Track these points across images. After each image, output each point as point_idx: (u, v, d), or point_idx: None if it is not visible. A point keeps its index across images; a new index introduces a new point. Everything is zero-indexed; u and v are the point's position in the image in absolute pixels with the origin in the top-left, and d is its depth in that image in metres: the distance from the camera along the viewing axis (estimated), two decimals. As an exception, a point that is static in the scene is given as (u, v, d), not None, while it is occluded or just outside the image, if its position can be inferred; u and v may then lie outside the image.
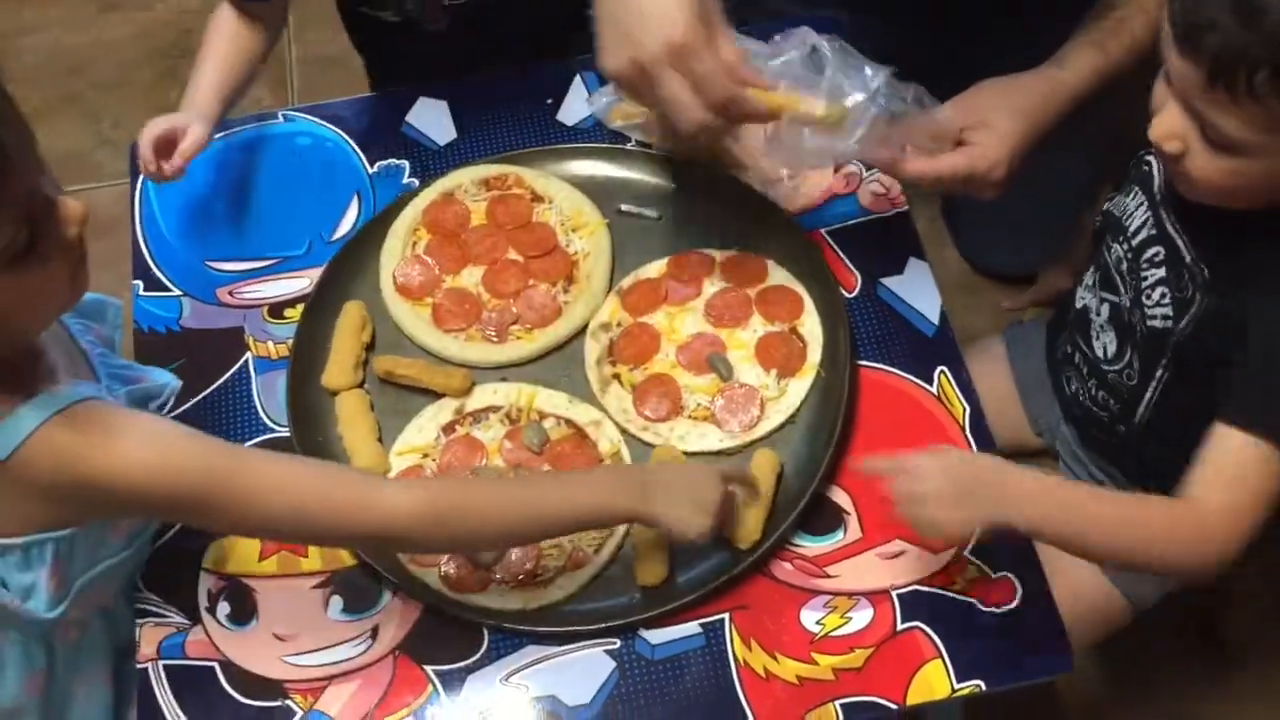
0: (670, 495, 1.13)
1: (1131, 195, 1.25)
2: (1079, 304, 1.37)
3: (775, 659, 1.18)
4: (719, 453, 1.28)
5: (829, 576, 1.22)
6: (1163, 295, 1.19)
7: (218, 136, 1.54)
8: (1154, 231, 1.20)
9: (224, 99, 1.45)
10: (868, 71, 1.20)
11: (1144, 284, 1.21)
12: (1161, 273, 1.19)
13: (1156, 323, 1.21)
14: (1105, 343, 1.30)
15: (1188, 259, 1.17)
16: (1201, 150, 1.05)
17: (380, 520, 1.07)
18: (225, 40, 1.47)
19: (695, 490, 1.14)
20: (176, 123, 1.40)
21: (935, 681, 1.15)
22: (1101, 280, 1.30)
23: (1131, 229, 1.23)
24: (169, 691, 1.19)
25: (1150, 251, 1.20)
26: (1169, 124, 1.06)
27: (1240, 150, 1.02)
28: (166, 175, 1.38)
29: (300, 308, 1.39)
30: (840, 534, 1.24)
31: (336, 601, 1.23)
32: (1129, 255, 1.23)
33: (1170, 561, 1.13)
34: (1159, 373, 1.25)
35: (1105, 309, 1.30)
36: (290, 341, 1.36)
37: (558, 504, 1.13)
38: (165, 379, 1.31)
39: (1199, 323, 1.16)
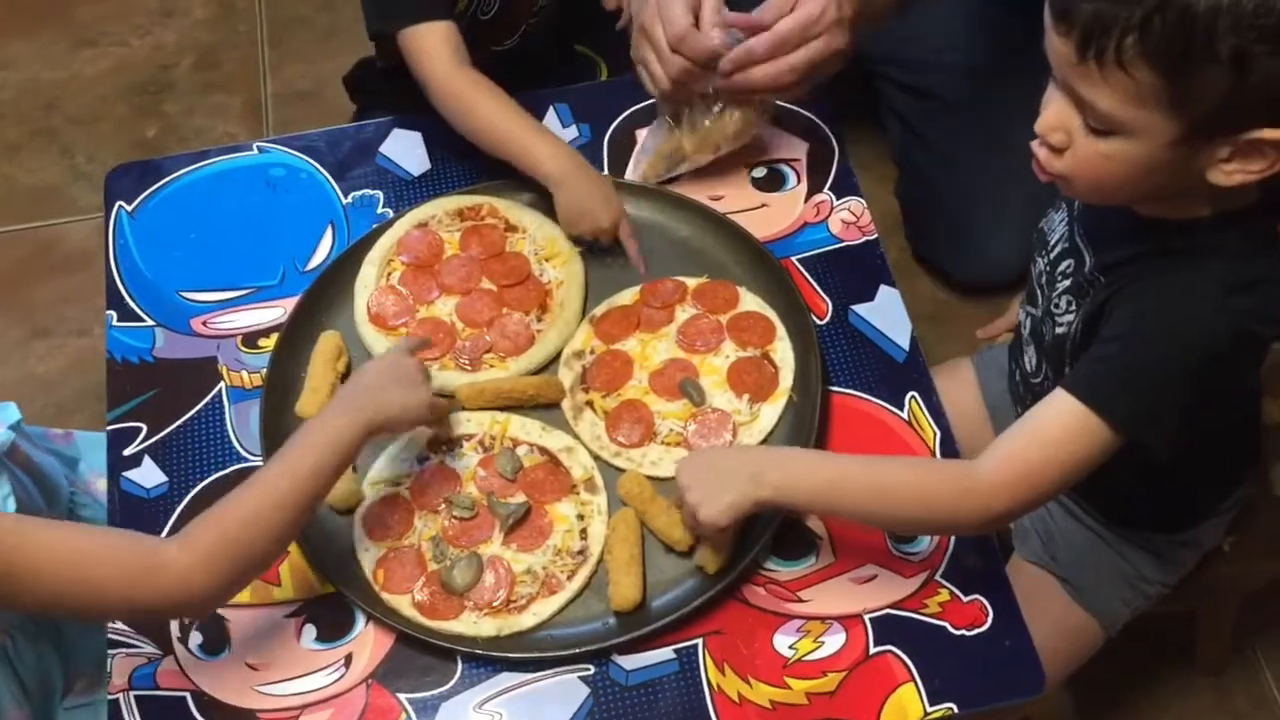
0: (376, 387, 1.19)
1: (1059, 210, 1.27)
2: (1021, 319, 1.38)
3: (749, 684, 1.18)
4: (692, 479, 1.29)
5: (801, 601, 1.22)
6: (1068, 304, 1.21)
7: (192, 168, 1.55)
8: (1067, 244, 1.22)
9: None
10: None
11: (1054, 294, 1.23)
12: (1069, 283, 1.21)
13: (1060, 329, 1.22)
14: (1029, 356, 1.32)
15: (1087, 268, 1.19)
16: (1082, 138, 1.04)
17: (175, 583, 1.05)
18: (493, 89, 1.46)
19: (397, 371, 1.21)
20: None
21: (908, 705, 1.16)
22: (1027, 295, 1.32)
23: (1051, 243, 1.25)
24: (140, 722, 1.18)
25: (1063, 264, 1.22)
26: (1051, 115, 1.05)
27: (1115, 130, 1.01)
28: None
29: (274, 337, 1.39)
30: (812, 559, 1.25)
31: (309, 630, 1.23)
32: (1047, 269, 1.25)
33: (947, 522, 1.17)
34: None
35: (1028, 322, 1.32)
36: (264, 371, 1.37)
37: (302, 465, 1.12)
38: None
39: (1084, 323, 1.18)
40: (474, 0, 1.58)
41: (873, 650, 1.19)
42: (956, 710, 1.15)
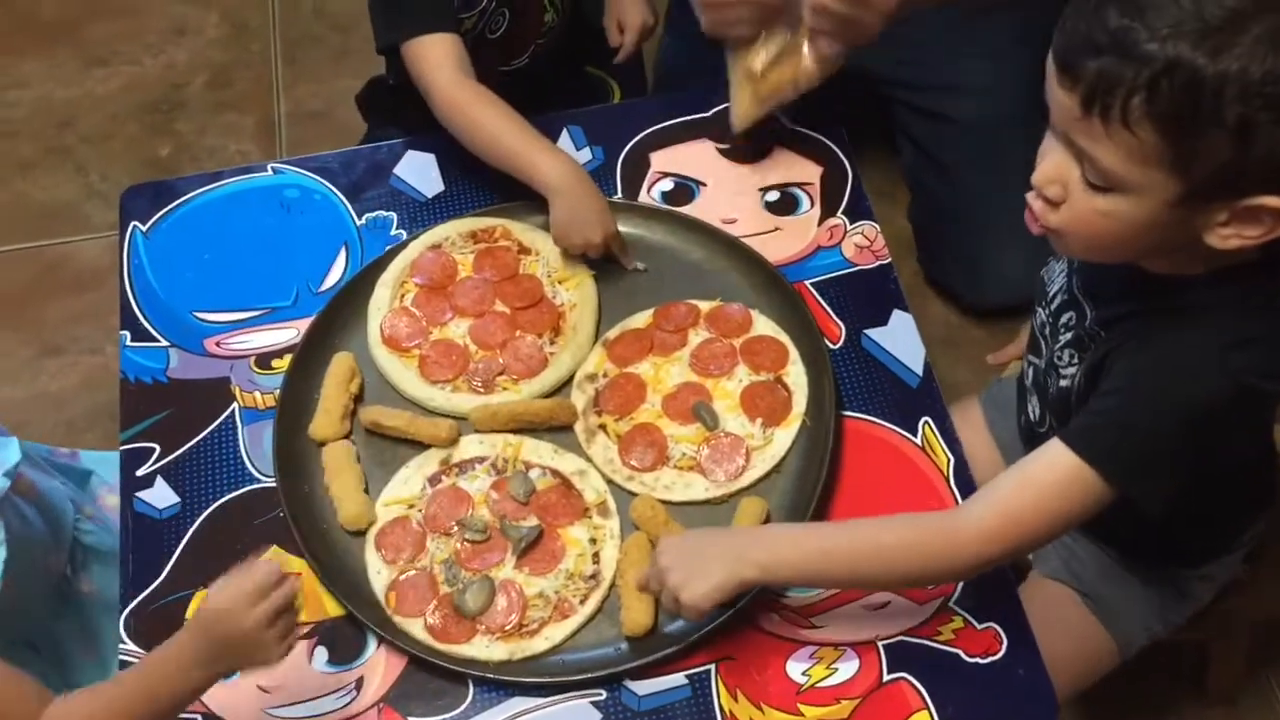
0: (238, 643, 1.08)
1: (1059, 260, 1.26)
2: (1025, 368, 1.38)
3: (761, 710, 1.17)
4: (705, 502, 1.28)
5: (815, 627, 1.22)
6: (1071, 356, 1.20)
7: (208, 188, 1.56)
8: (1066, 296, 1.22)
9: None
10: None
11: (1057, 345, 1.23)
12: (1070, 335, 1.20)
13: (1065, 383, 1.22)
14: (1033, 406, 1.31)
15: (1088, 321, 1.18)
16: (1080, 193, 1.02)
17: None
18: (495, 101, 1.47)
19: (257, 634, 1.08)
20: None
21: (921, 732, 1.15)
22: (1031, 344, 1.32)
23: (1050, 293, 1.25)
24: (151, 744, 1.18)
25: (1064, 316, 1.21)
26: (1050, 167, 1.04)
27: (1114, 187, 1.00)
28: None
29: (287, 358, 1.39)
30: (826, 584, 1.24)
31: (321, 653, 1.22)
32: (1050, 319, 1.24)
33: (941, 574, 1.17)
34: None
35: (1031, 372, 1.31)
36: (277, 392, 1.37)
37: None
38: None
39: (1086, 377, 1.17)
40: (482, 18, 1.59)
41: (886, 678, 1.18)
42: (970, 738, 1.15)
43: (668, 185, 1.54)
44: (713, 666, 1.20)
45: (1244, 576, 1.46)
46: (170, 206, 1.55)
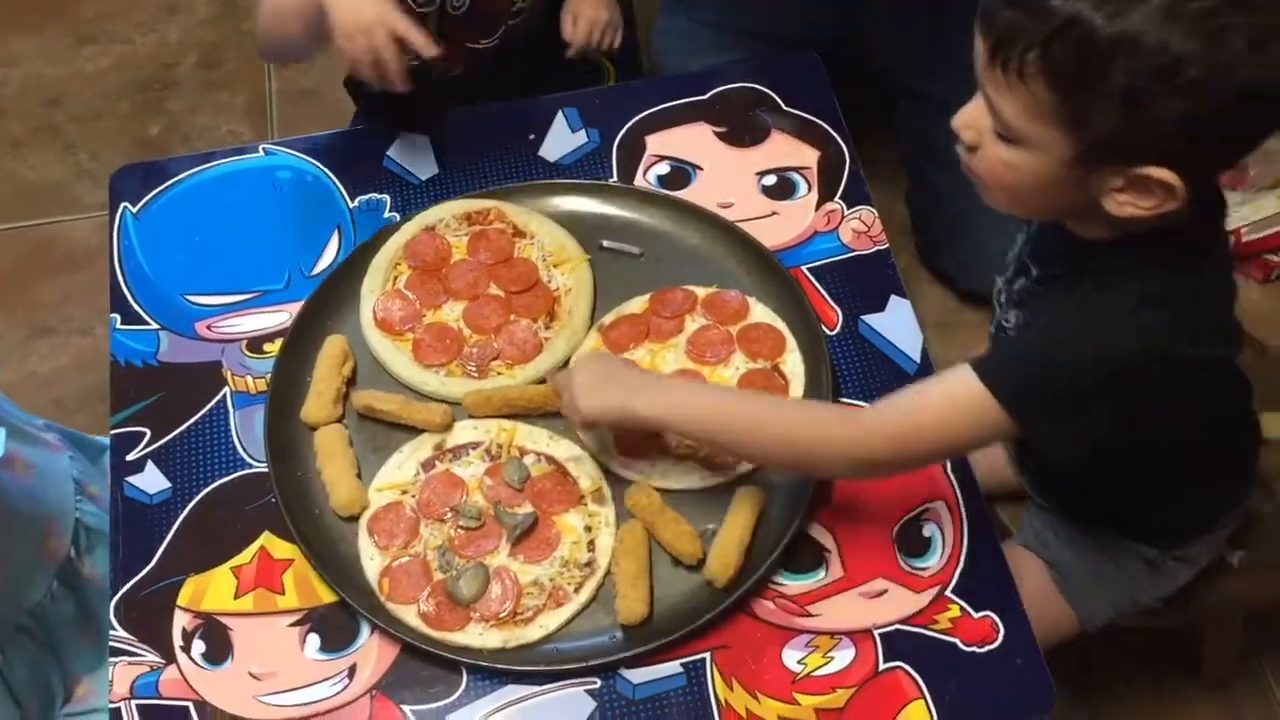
0: None
1: (1021, 233, 1.27)
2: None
3: (757, 699, 1.17)
4: (702, 490, 1.27)
5: (811, 615, 1.21)
6: (1016, 317, 1.22)
7: (199, 169, 1.54)
8: (1018, 264, 1.23)
9: None
10: None
11: (1006, 311, 1.24)
12: (1019, 298, 1.22)
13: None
14: None
15: (1030, 282, 1.19)
16: (990, 142, 1.05)
17: None
18: None
19: None
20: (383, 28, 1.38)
21: (918, 722, 1.15)
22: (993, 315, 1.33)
23: (1008, 263, 1.26)
24: (142, 732, 1.17)
25: (1017, 283, 1.22)
26: (967, 113, 1.07)
27: (1016, 140, 1.02)
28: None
29: (279, 342, 1.38)
30: (822, 572, 1.23)
31: (314, 640, 1.21)
32: (1005, 286, 1.26)
33: (819, 450, 1.16)
34: None
35: (989, 341, 1.32)
36: (269, 376, 1.35)
37: None
38: None
39: (1019, 330, 1.19)
40: None
41: (882, 666, 1.18)
42: (966, 728, 1.14)
43: (664, 169, 1.52)
44: (708, 655, 1.19)
45: (1236, 563, 1.46)
46: (161, 188, 1.53)
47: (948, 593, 1.22)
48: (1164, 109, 0.93)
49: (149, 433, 1.34)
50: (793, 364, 1.34)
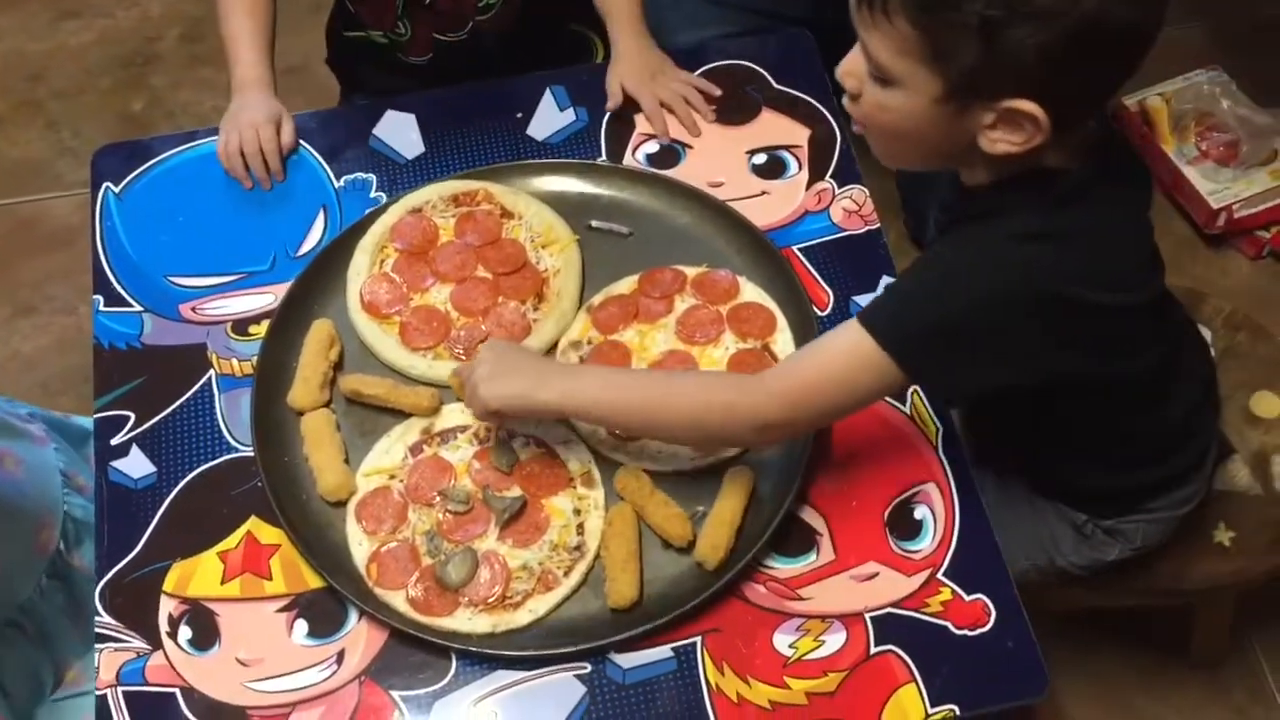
0: None
1: None
2: None
3: (748, 683, 1.16)
4: (691, 472, 1.27)
5: (801, 599, 1.20)
6: None
7: (181, 148, 1.52)
8: (934, 223, 1.25)
9: (271, 59, 1.52)
10: None
11: None
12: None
13: None
14: None
15: (933, 234, 1.23)
16: (868, 86, 1.08)
17: None
18: (253, 5, 1.53)
19: None
20: (272, 125, 1.48)
21: (909, 706, 1.14)
22: None
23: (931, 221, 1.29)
24: (128, 719, 1.16)
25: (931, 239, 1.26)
26: (848, 62, 1.10)
27: (889, 80, 1.05)
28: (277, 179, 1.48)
29: (265, 324, 1.36)
30: (813, 555, 1.23)
31: (301, 625, 1.21)
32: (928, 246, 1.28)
33: (722, 423, 1.18)
34: None
35: None
36: (255, 359, 1.34)
37: None
38: None
39: None
40: None
41: (874, 650, 1.17)
42: (959, 712, 1.14)
43: (652, 147, 1.51)
44: (699, 639, 1.18)
45: (1228, 543, 1.46)
46: (143, 167, 1.51)
47: (939, 576, 1.21)
48: (1019, 37, 0.97)
49: (133, 416, 1.32)
50: (783, 344, 1.33)
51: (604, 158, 1.49)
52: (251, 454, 1.28)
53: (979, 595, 1.20)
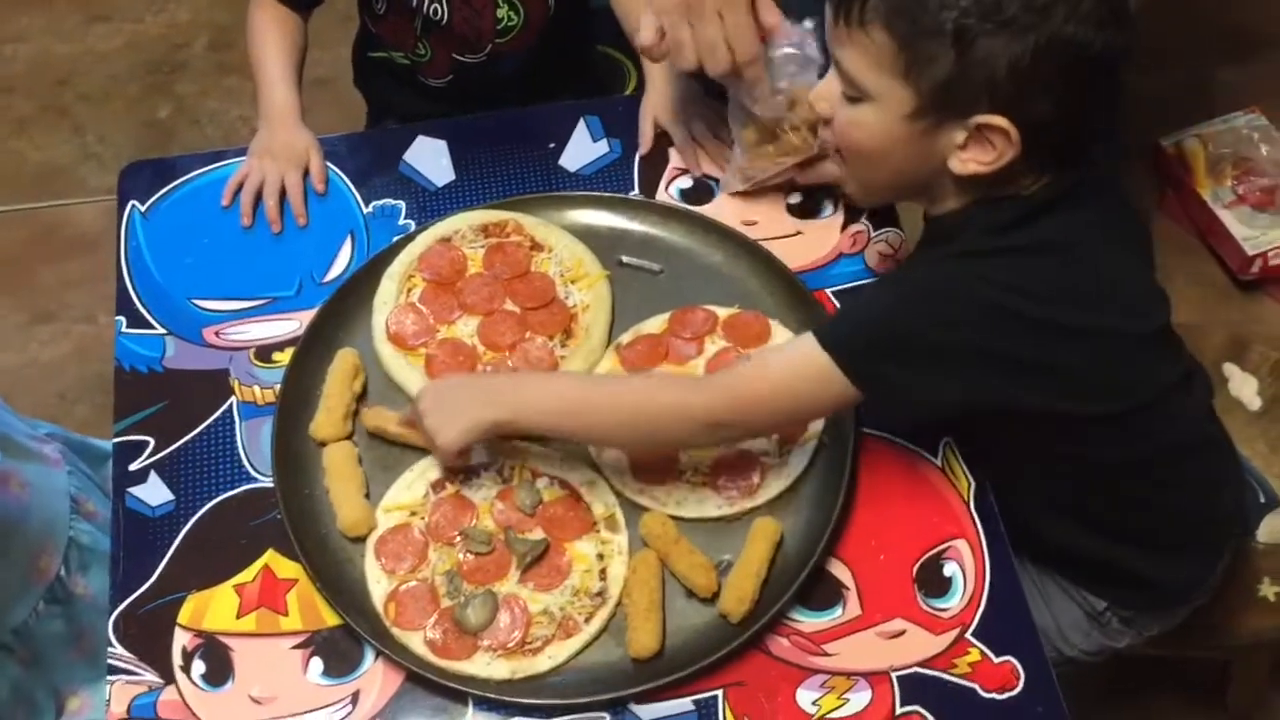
0: None
1: None
2: None
3: (770, 740, 1.14)
4: (717, 519, 1.24)
5: (827, 655, 1.18)
6: None
7: (209, 168, 1.51)
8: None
9: (299, 84, 1.53)
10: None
11: None
12: None
13: None
14: None
15: None
16: (840, 106, 1.11)
17: None
18: (283, 37, 1.53)
19: None
20: (300, 169, 1.47)
21: (935, 770, 1.12)
22: None
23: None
24: (139, 754, 1.14)
25: None
26: (823, 85, 1.14)
27: (860, 95, 1.08)
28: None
29: (289, 351, 1.34)
30: (839, 610, 1.21)
31: (317, 664, 1.19)
32: None
33: (672, 421, 1.19)
34: None
35: None
36: (277, 387, 1.32)
37: None
38: None
39: None
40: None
41: (899, 710, 1.15)
42: (984, 778, 1.12)
43: (686, 182, 1.48)
44: (720, 692, 1.16)
45: (1273, 597, 1.43)
46: (170, 186, 1.49)
47: (968, 635, 1.19)
48: (991, 48, 1.01)
49: (152, 442, 1.30)
50: (814, 392, 1.30)
51: (637, 191, 1.47)
52: (271, 485, 1.26)
53: (1008, 657, 1.18)
